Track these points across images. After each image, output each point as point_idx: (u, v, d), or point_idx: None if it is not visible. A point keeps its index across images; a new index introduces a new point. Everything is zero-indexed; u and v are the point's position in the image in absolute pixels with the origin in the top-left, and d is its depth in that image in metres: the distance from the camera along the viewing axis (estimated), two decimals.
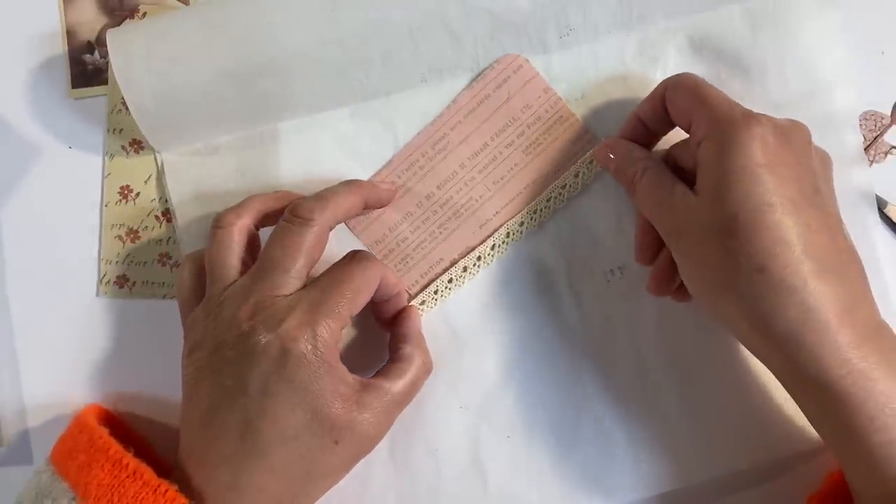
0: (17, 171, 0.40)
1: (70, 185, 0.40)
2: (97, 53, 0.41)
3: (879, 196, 0.38)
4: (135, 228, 0.40)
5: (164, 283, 0.40)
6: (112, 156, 0.40)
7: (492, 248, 0.38)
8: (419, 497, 0.38)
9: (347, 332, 0.38)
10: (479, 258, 0.38)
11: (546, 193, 0.38)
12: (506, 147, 0.39)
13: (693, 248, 0.32)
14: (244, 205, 0.35)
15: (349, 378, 0.32)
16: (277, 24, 0.36)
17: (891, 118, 0.39)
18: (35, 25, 0.41)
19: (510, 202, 0.39)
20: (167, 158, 0.39)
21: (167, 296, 0.40)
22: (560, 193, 0.38)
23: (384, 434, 0.33)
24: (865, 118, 0.39)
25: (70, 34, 0.41)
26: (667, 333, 0.38)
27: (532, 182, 0.38)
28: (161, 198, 0.40)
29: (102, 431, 0.33)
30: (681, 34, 0.38)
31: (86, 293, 0.40)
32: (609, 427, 0.37)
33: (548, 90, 0.38)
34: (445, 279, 0.38)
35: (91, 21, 0.41)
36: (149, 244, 0.40)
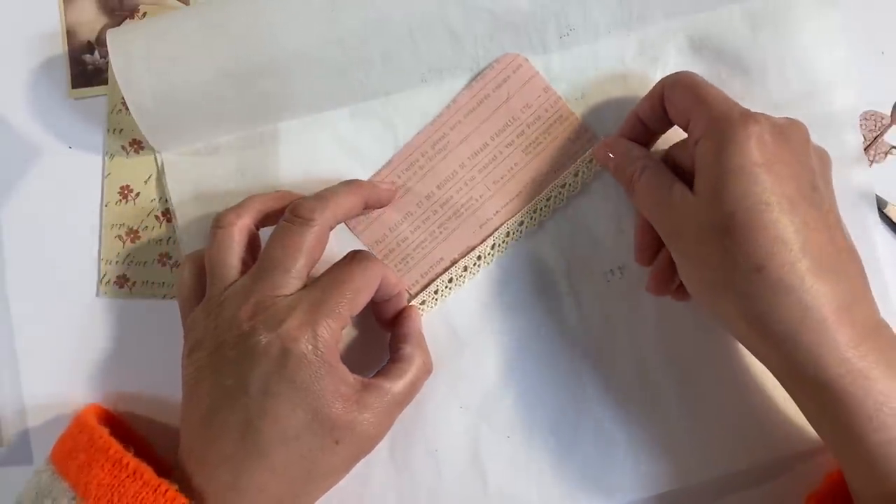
0: (17, 171, 0.40)
1: (70, 185, 0.40)
2: (97, 53, 0.41)
3: (879, 196, 0.38)
4: (135, 228, 0.40)
5: (164, 283, 0.40)
6: (112, 156, 0.40)
7: (492, 248, 0.38)
8: (419, 497, 0.38)
9: (348, 333, 0.38)
10: (480, 257, 0.38)
11: (546, 192, 0.38)
12: (506, 146, 0.39)
13: (691, 248, 0.32)
14: (244, 205, 0.35)
15: (350, 378, 0.32)
16: (277, 24, 0.36)
17: (891, 118, 0.39)
18: (35, 25, 0.41)
19: (510, 201, 0.39)
20: (167, 158, 0.39)
21: (167, 296, 0.40)
22: (560, 192, 0.38)
23: (384, 434, 0.33)
24: (865, 118, 0.39)
25: (70, 34, 0.41)
26: (666, 333, 0.38)
27: (532, 181, 0.38)
28: (161, 198, 0.40)
29: (102, 431, 0.33)
30: (681, 34, 0.38)
31: (86, 293, 0.40)
32: (609, 427, 0.37)
33: (547, 89, 0.38)
34: (446, 279, 0.38)
35: (91, 21, 0.41)
36: (149, 244, 0.40)
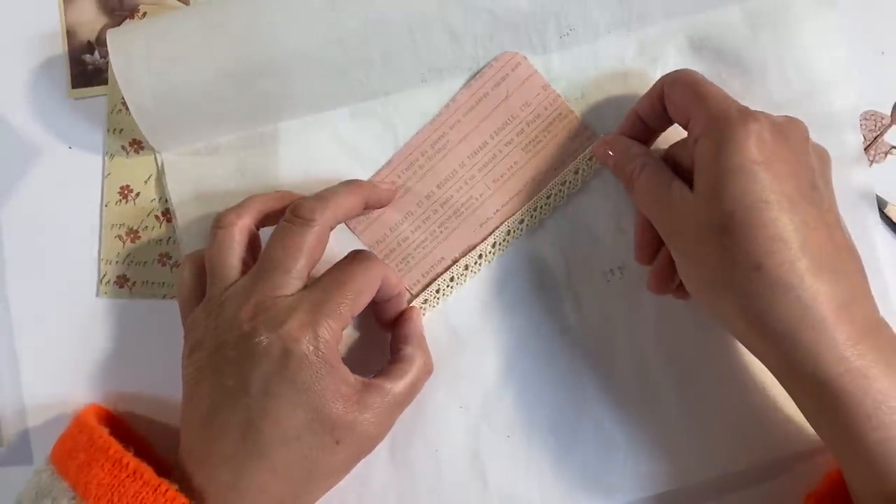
0: (17, 171, 0.40)
1: (70, 185, 0.40)
2: (97, 53, 0.41)
3: (879, 196, 0.38)
4: (135, 228, 0.40)
5: (164, 283, 0.40)
6: (112, 156, 0.40)
7: (493, 246, 0.38)
8: (419, 497, 0.38)
9: (349, 333, 0.38)
10: (481, 256, 0.38)
11: (546, 190, 0.38)
12: (505, 145, 0.39)
13: (690, 246, 0.32)
14: (245, 205, 0.35)
15: (350, 378, 0.32)
16: (277, 24, 0.36)
17: (891, 118, 0.39)
18: (35, 25, 0.41)
19: (510, 200, 0.39)
20: (167, 158, 0.39)
21: (167, 296, 0.40)
22: (560, 190, 0.38)
23: (385, 434, 0.33)
24: (865, 118, 0.39)
25: (70, 34, 0.41)
26: (666, 333, 0.38)
27: (532, 179, 0.39)
28: (161, 198, 0.40)
29: (102, 431, 0.33)
30: (681, 34, 0.38)
31: (86, 293, 0.40)
32: (609, 427, 0.37)
33: (546, 87, 0.38)
34: (447, 277, 0.38)
35: (91, 21, 0.41)
36: (149, 244, 0.40)
